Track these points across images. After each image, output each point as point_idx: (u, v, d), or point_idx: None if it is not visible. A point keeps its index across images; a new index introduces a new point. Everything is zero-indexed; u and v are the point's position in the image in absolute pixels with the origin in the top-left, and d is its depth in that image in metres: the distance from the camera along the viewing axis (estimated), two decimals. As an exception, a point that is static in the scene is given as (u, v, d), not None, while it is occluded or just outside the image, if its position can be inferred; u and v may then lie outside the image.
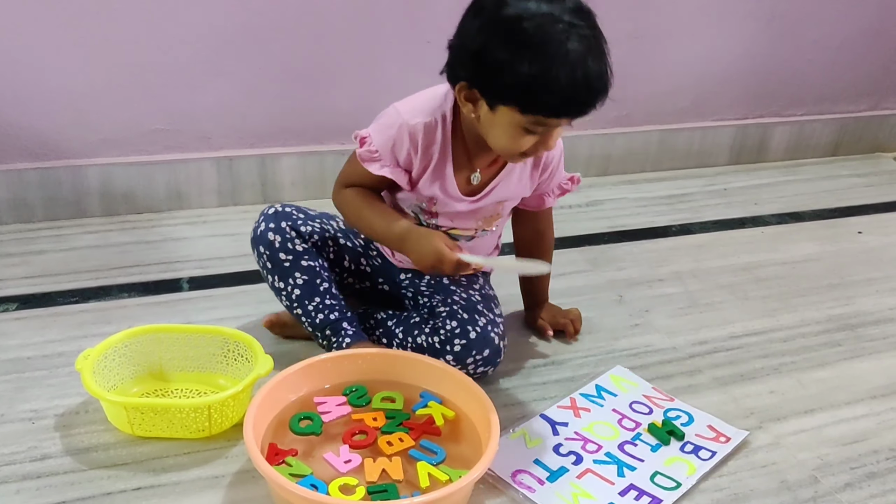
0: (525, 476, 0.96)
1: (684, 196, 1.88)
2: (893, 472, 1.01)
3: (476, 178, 1.05)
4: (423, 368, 1.04)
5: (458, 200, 1.06)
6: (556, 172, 1.12)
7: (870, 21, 2.07)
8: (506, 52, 0.87)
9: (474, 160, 1.05)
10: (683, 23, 1.88)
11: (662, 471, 0.98)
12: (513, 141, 0.94)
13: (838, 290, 1.47)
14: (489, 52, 0.88)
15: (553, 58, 0.85)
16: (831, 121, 2.18)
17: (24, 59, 1.43)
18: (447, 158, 1.03)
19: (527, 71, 0.86)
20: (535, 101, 0.88)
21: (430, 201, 1.07)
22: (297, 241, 1.09)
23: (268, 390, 0.96)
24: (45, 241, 1.47)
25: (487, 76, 0.89)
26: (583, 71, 0.86)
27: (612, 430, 1.05)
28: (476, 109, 0.94)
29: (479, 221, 1.11)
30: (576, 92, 0.87)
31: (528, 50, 0.86)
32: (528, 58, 0.86)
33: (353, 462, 0.93)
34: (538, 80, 0.86)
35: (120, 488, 0.91)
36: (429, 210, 1.08)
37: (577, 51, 0.86)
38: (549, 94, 0.87)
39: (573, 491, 0.94)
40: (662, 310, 1.36)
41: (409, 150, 1.02)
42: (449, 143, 1.02)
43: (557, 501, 0.92)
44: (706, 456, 1.01)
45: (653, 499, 0.94)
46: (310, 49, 1.58)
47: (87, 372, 0.97)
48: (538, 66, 0.85)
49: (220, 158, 1.62)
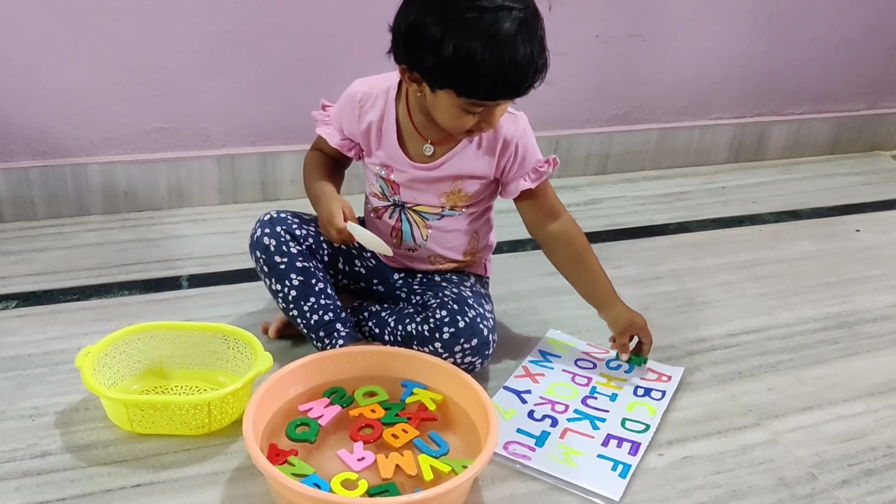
0: (516, 446, 1.00)
1: (683, 194, 1.88)
2: (890, 469, 1.02)
3: (428, 150, 1.09)
4: (418, 363, 1.06)
5: (408, 166, 1.10)
6: (525, 155, 1.10)
7: (868, 20, 2.08)
8: (433, 35, 0.90)
9: (424, 132, 1.08)
10: (682, 22, 1.89)
11: (628, 416, 1.08)
12: (455, 120, 0.98)
13: (836, 288, 1.47)
14: (420, 36, 0.91)
15: (480, 41, 0.88)
16: (829, 119, 2.18)
17: (26, 58, 1.43)
18: (389, 125, 1.08)
19: (452, 55, 0.89)
20: (465, 84, 0.92)
21: (388, 169, 1.11)
22: (292, 244, 1.11)
23: (266, 388, 0.97)
24: (47, 239, 1.48)
25: (421, 61, 0.93)
26: (510, 53, 0.89)
27: (571, 388, 1.13)
28: (421, 90, 0.99)
29: (442, 198, 1.12)
30: (504, 75, 0.90)
31: (455, 33, 0.88)
32: (455, 42, 0.89)
33: (367, 460, 0.94)
34: (465, 64, 0.89)
35: (120, 485, 0.92)
36: (388, 178, 1.12)
37: (505, 33, 0.88)
38: (477, 78, 0.90)
39: (562, 451, 1.00)
40: (661, 307, 1.36)
41: (349, 116, 1.10)
42: (392, 112, 1.08)
43: (553, 463, 0.98)
44: (658, 396, 1.12)
45: (632, 444, 1.02)
46: (310, 47, 1.59)
47: (87, 369, 0.97)
48: (465, 50, 0.88)
49: (221, 156, 1.63)
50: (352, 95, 1.10)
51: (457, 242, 1.16)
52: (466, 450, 0.97)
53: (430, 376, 1.05)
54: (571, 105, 1.88)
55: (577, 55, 1.81)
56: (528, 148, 1.10)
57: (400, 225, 1.15)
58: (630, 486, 0.96)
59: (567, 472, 0.96)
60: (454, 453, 0.96)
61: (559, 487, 0.95)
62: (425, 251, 1.17)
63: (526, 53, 0.90)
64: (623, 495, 0.94)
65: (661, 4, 1.85)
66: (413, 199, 1.13)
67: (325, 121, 1.15)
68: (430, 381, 1.05)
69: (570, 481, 0.95)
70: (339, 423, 1.00)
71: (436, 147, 1.09)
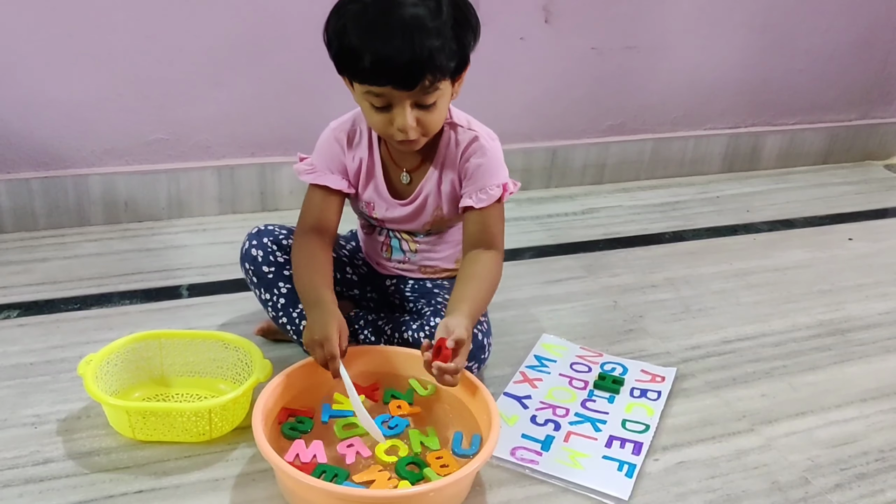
0: (523, 451, 1.02)
1: (678, 204, 1.90)
2: (882, 473, 1.03)
3: (405, 178, 1.10)
4: (414, 360, 1.05)
5: (390, 204, 1.11)
6: (476, 173, 1.06)
7: (860, 32, 2.10)
8: (327, 25, 0.96)
9: (399, 161, 1.10)
10: (677, 34, 1.91)
11: (628, 418, 1.10)
12: (370, 117, 1.00)
13: (829, 295, 1.49)
14: (328, 30, 0.97)
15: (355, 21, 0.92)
16: (822, 129, 2.21)
17: (28, 70, 1.45)
18: (374, 160, 1.10)
19: (335, 37, 0.94)
20: (349, 67, 0.95)
21: (369, 206, 1.12)
22: (279, 253, 1.12)
23: (269, 392, 0.98)
24: (48, 249, 1.49)
25: (330, 52, 0.97)
26: (386, 34, 0.90)
27: (569, 392, 1.15)
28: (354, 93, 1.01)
29: (426, 225, 1.14)
30: (376, 56, 0.91)
31: (339, 16, 0.94)
32: (335, 22, 0.94)
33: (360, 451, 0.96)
34: (344, 46, 0.93)
35: (122, 491, 0.93)
36: (370, 215, 1.14)
37: (382, 12, 0.91)
38: (355, 59, 0.93)
39: (568, 454, 1.02)
40: (656, 315, 1.38)
41: (338, 153, 1.09)
42: (375, 146, 1.09)
43: (561, 466, 0.99)
44: (654, 396, 1.14)
45: (634, 444, 1.04)
46: (309, 60, 1.60)
47: (89, 377, 0.98)
48: (340, 32, 0.93)
49: (221, 167, 1.64)
50: (334, 132, 1.10)
51: (446, 253, 1.18)
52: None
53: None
54: (568, 116, 1.90)
55: (574, 67, 1.84)
56: (483, 167, 1.06)
57: (389, 241, 1.18)
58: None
59: (575, 474, 0.98)
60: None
61: (569, 490, 0.96)
62: (415, 263, 1.19)
63: (407, 32, 0.90)
64: (631, 495, 0.96)
65: (656, 17, 1.87)
66: (399, 227, 1.15)
67: (310, 170, 1.10)
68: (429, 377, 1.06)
69: (580, 483, 0.97)
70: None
71: (411, 174, 1.10)
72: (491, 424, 0.93)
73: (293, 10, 1.56)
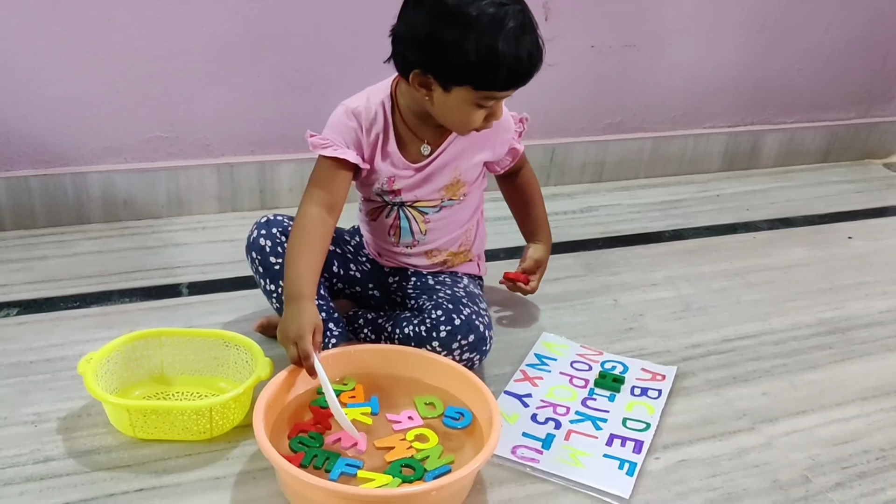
0: (524, 450, 1.02)
1: (677, 202, 1.90)
2: (883, 472, 1.03)
3: (426, 149, 1.12)
4: (414, 359, 1.07)
5: (407, 169, 1.13)
6: (507, 125, 1.19)
7: (859, 31, 2.10)
8: (453, 36, 0.96)
9: (420, 134, 1.12)
10: (676, 32, 1.91)
11: (628, 416, 1.10)
12: (467, 117, 1.03)
13: (829, 294, 1.49)
14: (438, 39, 0.97)
15: (497, 37, 0.95)
16: (822, 128, 2.21)
17: (27, 67, 1.45)
18: (389, 138, 1.11)
19: (475, 51, 0.96)
20: (486, 78, 0.98)
21: (390, 180, 1.13)
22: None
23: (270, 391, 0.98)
24: (48, 247, 1.49)
25: (440, 61, 0.98)
26: (523, 45, 0.97)
27: (569, 391, 1.15)
28: (430, 93, 1.02)
29: (441, 191, 1.15)
30: (520, 64, 0.98)
31: (474, 32, 0.95)
32: (475, 39, 0.95)
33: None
34: (487, 59, 0.96)
35: (122, 490, 0.93)
36: (391, 190, 1.14)
37: (515, 28, 0.96)
38: (497, 70, 0.97)
39: (569, 452, 1.02)
40: (656, 314, 1.38)
41: (355, 130, 1.09)
42: (390, 125, 1.11)
43: (562, 465, 0.99)
44: (654, 395, 1.14)
45: (635, 442, 1.04)
46: (308, 57, 1.60)
47: (89, 375, 0.98)
48: (486, 47, 0.95)
49: (220, 165, 1.64)
50: (351, 109, 1.09)
51: (453, 234, 1.20)
52: (474, 445, 0.98)
53: (432, 372, 1.07)
54: (567, 114, 1.90)
55: (573, 65, 1.84)
56: (500, 123, 1.14)
57: (398, 222, 1.17)
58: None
59: (576, 472, 0.98)
60: (458, 454, 0.97)
61: (569, 488, 0.96)
62: (423, 246, 1.19)
63: (535, 43, 0.99)
64: (632, 493, 0.96)
65: (655, 15, 1.87)
66: (414, 197, 1.15)
67: (326, 143, 1.09)
68: (431, 377, 1.07)
69: (581, 482, 0.97)
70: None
71: (432, 146, 1.13)
72: (492, 423, 0.93)
73: (293, 7, 1.55)
